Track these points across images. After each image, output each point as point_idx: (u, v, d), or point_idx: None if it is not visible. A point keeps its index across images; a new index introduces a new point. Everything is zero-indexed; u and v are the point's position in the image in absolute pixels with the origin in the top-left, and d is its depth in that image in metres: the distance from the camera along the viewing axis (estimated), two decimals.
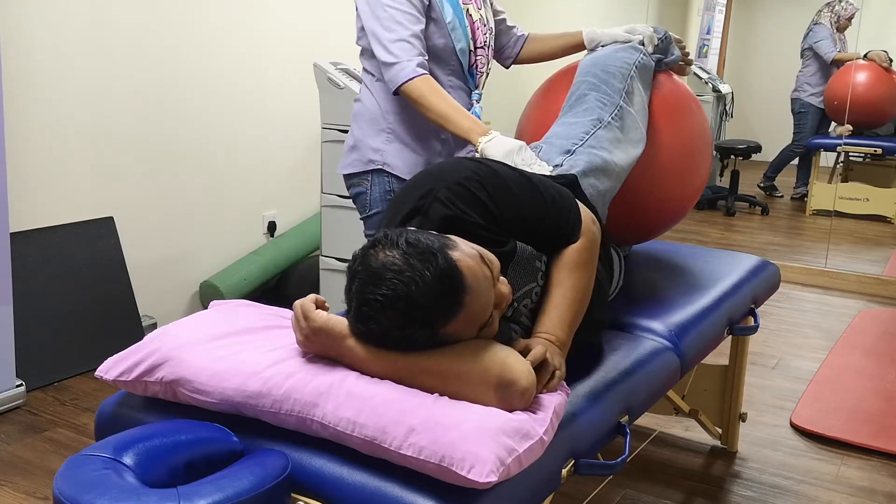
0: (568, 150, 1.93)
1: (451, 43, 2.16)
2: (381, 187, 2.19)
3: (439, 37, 2.14)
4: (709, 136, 2.28)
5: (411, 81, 2.03)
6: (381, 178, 2.19)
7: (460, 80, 2.22)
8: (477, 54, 2.23)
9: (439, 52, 2.15)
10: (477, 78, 2.26)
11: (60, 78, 3.03)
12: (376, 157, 2.18)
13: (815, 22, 5.82)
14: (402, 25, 2.06)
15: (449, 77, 2.20)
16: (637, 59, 2.10)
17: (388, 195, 2.19)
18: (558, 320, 1.52)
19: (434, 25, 2.14)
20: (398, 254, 1.28)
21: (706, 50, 6.64)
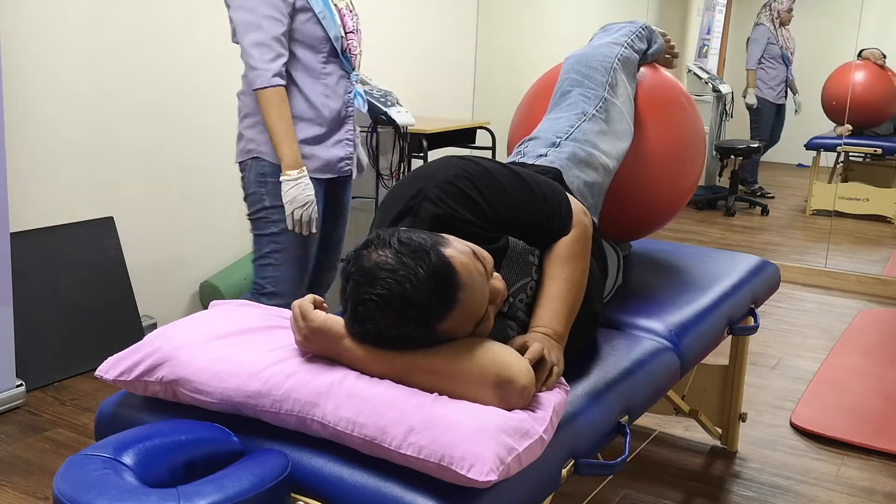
0: (553, 143, 1.95)
1: (324, 31, 2.36)
2: (256, 171, 2.41)
3: (312, 26, 2.34)
4: (701, 130, 2.28)
5: (264, 90, 2.29)
6: (257, 163, 2.40)
7: (336, 66, 2.44)
8: (348, 39, 2.44)
9: (313, 41, 2.36)
10: (352, 61, 2.49)
11: (60, 78, 3.03)
12: (252, 146, 2.41)
13: (757, 23, 5.92)
14: (262, 29, 2.27)
15: (324, 65, 2.40)
16: (619, 53, 2.11)
17: (260, 178, 2.40)
18: (554, 313, 1.52)
19: (305, 17, 2.33)
20: (391, 253, 1.28)
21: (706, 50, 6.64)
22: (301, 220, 2.38)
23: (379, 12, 4.49)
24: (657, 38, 2.27)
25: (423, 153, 3.80)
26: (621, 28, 2.23)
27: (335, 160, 2.48)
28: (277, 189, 2.37)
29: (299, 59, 2.37)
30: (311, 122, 2.41)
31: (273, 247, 2.43)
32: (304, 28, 2.34)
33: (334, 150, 2.47)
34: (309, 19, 2.34)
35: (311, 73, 2.39)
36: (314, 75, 2.39)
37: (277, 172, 2.37)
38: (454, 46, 5.16)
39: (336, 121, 2.47)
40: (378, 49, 4.52)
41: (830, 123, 5.79)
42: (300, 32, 2.34)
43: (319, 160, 2.44)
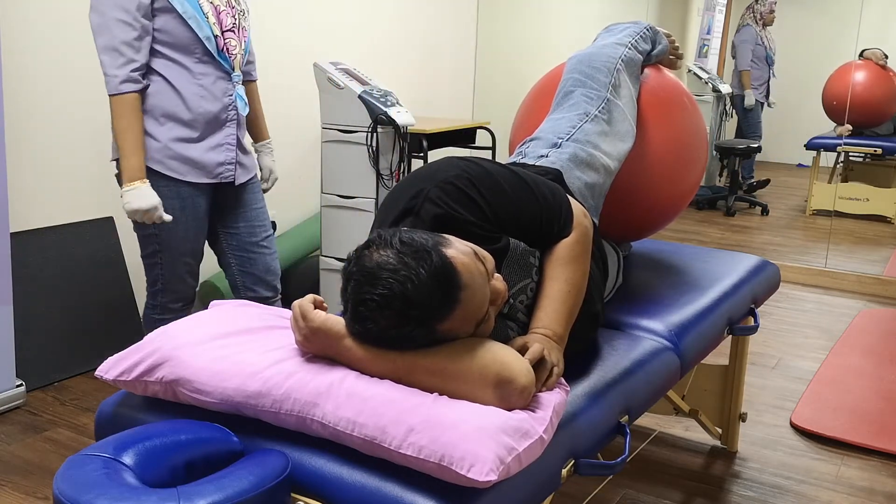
0: (554, 143, 1.94)
1: (192, 32, 2.28)
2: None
3: (178, 27, 2.27)
4: (703, 131, 2.28)
5: (114, 97, 2.22)
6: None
7: (213, 67, 2.35)
8: (225, 37, 2.35)
9: (183, 41, 2.28)
10: (231, 61, 2.38)
11: (60, 78, 3.03)
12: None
13: (743, 24, 5.95)
14: (111, 33, 2.20)
15: (198, 65, 2.32)
16: (622, 53, 2.11)
17: None
18: (554, 314, 1.52)
19: (169, 17, 2.26)
20: (392, 253, 1.28)
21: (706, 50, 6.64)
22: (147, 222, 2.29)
23: (379, 12, 4.49)
24: (661, 39, 2.27)
25: (423, 153, 3.80)
26: (625, 28, 2.23)
27: (212, 164, 2.38)
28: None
29: (171, 59, 2.29)
30: (184, 122, 2.33)
31: (155, 246, 2.38)
32: (169, 28, 2.25)
33: (211, 154, 2.38)
34: (173, 19, 2.25)
35: (185, 72, 2.30)
36: (189, 75, 2.31)
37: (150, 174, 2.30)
38: (454, 46, 5.16)
39: (213, 123, 2.37)
40: (378, 49, 4.52)
41: (830, 123, 5.79)
42: (166, 33, 2.26)
43: (193, 162, 2.35)
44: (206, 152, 2.38)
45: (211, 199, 2.47)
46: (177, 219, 2.37)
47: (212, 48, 2.31)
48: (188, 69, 2.31)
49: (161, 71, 2.29)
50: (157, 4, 2.23)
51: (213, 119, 2.38)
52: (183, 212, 2.38)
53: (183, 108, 2.32)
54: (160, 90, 2.30)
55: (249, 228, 2.55)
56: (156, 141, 2.31)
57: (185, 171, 2.35)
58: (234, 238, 2.53)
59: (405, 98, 4.77)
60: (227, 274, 2.59)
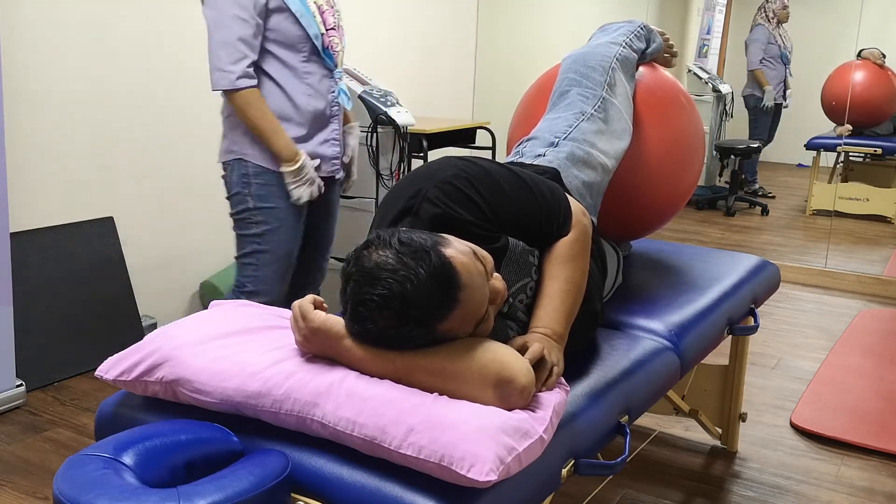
0: (551, 142, 1.95)
1: (303, 31, 2.33)
2: (239, 172, 2.39)
3: (289, 26, 2.31)
4: (700, 130, 2.28)
5: (238, 93, 2.27)
6: (240, 164, 2.38)
7: (317, 65, 2.40)
8: (329, 36, 2.40)
9: (292, 40, 2.33)
10: (335, 58, 2.44)
11: (60, 78, 3.03)
12: (235, 148, 2.39)
13: (755, 23, 5.91)
14: (228, 29, 2.24)
15: (304, 64, 2.37)
16: (617, 52, 2.11)
17: (243, 178, 2.38)
18: (554, 313, 1.52)
19: (281, 17, 2.30)
20: (391, 253, 1.28)
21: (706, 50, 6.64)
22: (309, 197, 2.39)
23: (379, 12, 4.49)
24: (656, 38, 2.27)
25: (423, 153, 3.80)
26: (620, 27, 2.23)
27: (320, 160, 2.47)
28: (261, 190, 2.38)
29: (279, 59, 2.34)
30: (294, 122, 2.39)
31: (255, 247, 2.42)
32: (281, 28, 2.31)
33: (320, 149, 2.46)
34: (285, 19, 2.31)
35: (292, 72, 2.36)
36: (296, 74, 2.37)
37: (261, 174, 2.37)
38: (454, 46, 5.16)
39: (320, 120, 2.45)
40: (378, 49, 4.52)
41: (830, 123, 5.79)
42: (277, 32, 2.31)
43: None
44: (316, 147, 2.45)
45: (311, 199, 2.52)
46: (282, 219, 2.41)
47: (319, 46, 2.36)
48: (294, 68, 2.36)
49: (269, 71, 2.34)
50: (271, 4, 2.28)
51: (320, 116, 2.44)
52: (288, 211, 2.42)
53: (291, 107, 2.37)
54: (268, 91, 2.35)
55: (328, 227, 2.64)
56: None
57: None
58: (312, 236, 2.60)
59: (405, 98, 4.77)
60: None
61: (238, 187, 2.40)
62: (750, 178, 6.30)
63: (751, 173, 6.30)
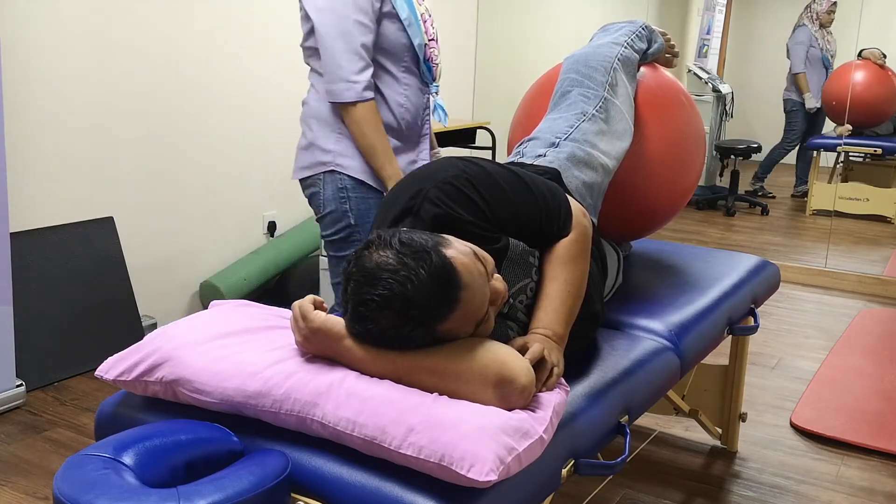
0: (552, 143, 1.95)
1: (408, 39, 2.17)
2: (334, 185, 2.19)
3: (397, 33, 2.16)
4: (701, 130, 2.28)
5: (356, 105, 2.10)
6: (334, 177, 2.19)
7: (414, 77, 2.24)
8: (430, 47, 2.25)
9: (396, 49, 2.17)
10: (434, 70, 2.29)
11: (60, 78, 3.03)
12: (328, 159, 2.19)
13: (799, 24, 5.84)
14: (352, 35, 2.08)
15: (404, 74, 2.21)
16: (619, 52, 2.11)
17: (340, 193, 2.19)
18: (554, 314, 1.52)
19: (390, 23, 2.15)
20: (392, 254, 1.28)
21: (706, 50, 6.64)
22: None
23: None
24: (657, 38, 2.27)
25: None
26: (621, 28, 2.23)
27: None
28: (361, 205, 2.19)
29: (382, 67, 2.18)
30: (390, 131, 2.23)
31: None
32: (388, 34, 2.15)
33: (409, 168, 2.29)
34: (394, 26, 2.15)
35: (392, 81, 2.20)
36: (396, 84, 2.21)
37: (358, 187, 2.18)
38: (454, 46, 5.16)
39: (411, 136, 2.29)
40: None
41: (830, 123, 5.79)
42: (385, 39, 2.15)
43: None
44: (406, 166, 2.28)
45: None
46: None
47: (421, 56, 2.21)
48: (395, 77, 2.20)
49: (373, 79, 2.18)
50: (384, 9, 2.13)
51: (411, 131, 2.28)
52: None
53: (391, 117, 2.22)
54: None
55: None
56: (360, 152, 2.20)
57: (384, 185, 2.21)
58: None
59: None
60: None
61: (335, 203, 2.19)
62: (761, 174, 6.27)
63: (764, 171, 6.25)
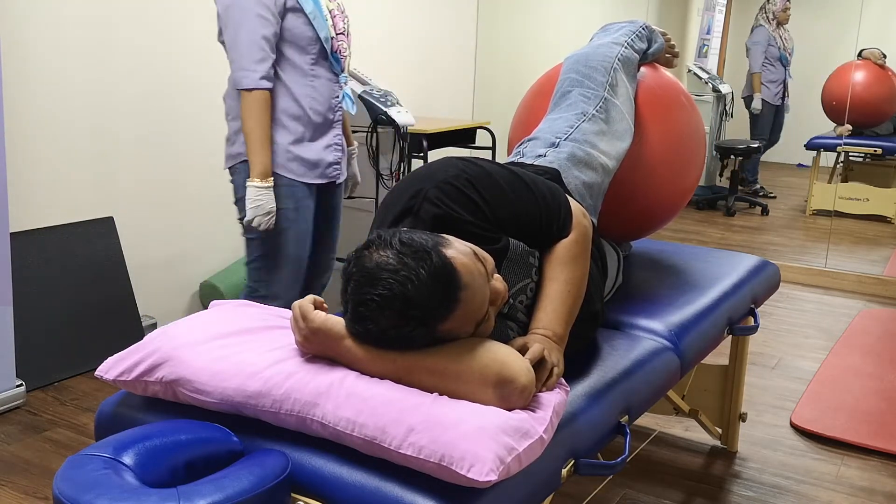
0: (552, 143, 1.95)
1: (314, 32, 2.33)
2: (244, 176, 2.37)
3: (303, 27, 2.31)
4: (701, 130, 2.28)
5: (250, 92, 2.26)
6: (246, 167, 2.36)
7: (323, 68, 2.41)
8: (338, 40, 2.41)
9: (303, 41, 2.33)
10: (342, 62, 2.46)
11: (60, 78, 3.03)
12: (241, 150, 2.38)
13: (756, 25, 5.90)
14: (251, 28, 2.24)
15: (312, 66, 2.37)
16: (619, 53, 2.11)
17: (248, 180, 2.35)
18: (554, 315, 1.52)
19: (295, 17, 2.30)
20: (392, 254, 1.28)
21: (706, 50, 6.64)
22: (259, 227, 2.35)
23: (379, 12, 4.49)
24: (657, 38, 2.27)
25: (423, 153, 3.80)
26: (621, 28, 2.23)
27: (323, 164, 2.46)
28: None
29: (289, 60, 2.35)
30: (298, 121, 2.39)
31: (264, 250, 2.42)
32: (294, 28, 2.31)
33: (323, 154, 2.46)
34: (300, 20, 2.31)
35: (299, 73, 2.36)
36: (303, 76, 2.37)
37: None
38: (454, 46, 5.16)
39: (323, 124, 2.45)
40: (378, 49, 4.52)
41: (830, 123, 5.79)
42: (290, 32, 2.32)
43: (306, 163, 2.42)
44: (321, 152, 2.44)
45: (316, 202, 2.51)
46: (290, 221, 2.41)
47: (328, 49, 2.37)
48: (302, 69, 2.36)
49: (279, 71, 2.34)
50: (289, 4, 2.28)
51: (323, 120, 2.44)
52: (296, 213, 2.42)
53: (297, 109, 2.38)
54: (277, 91, 2.35)
55: (329, 228, 2.63)
56: (275, 143, 2.36)
57: (303, 172, 2.41)
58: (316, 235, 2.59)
59: (405, 98, 4.77)
60: None
61: (244, 191, 2.38)
62: (750, 178, 6.30)
63: (751, 173, 6.30)
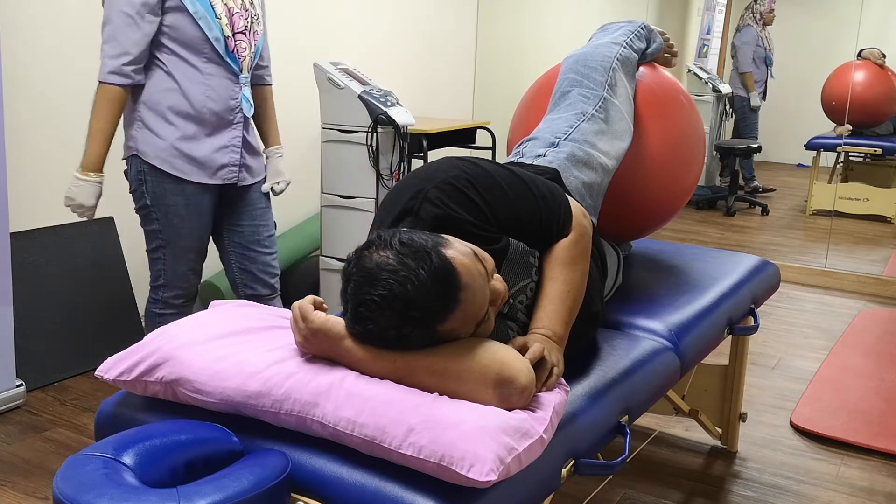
0: (552, 143, 1.95)
1: (202, 32, 2.31)
2: (135, 168, 2.39)
3: (188, 26, 2.29)
4: (700, 130, 2.28)
5: (101, 85, 2.28)
6: (136, 160, 2.38)
7: (219, 67, 2.37)
8: (236, 39, 2.37)
9: (192, 41, 2.31)
10: (240, 62, 2.41)
11: (61, 78, 3.03)
12: (131, 144, 2.39)
13: (744, 24, 5.93)
14: (114, 24, 2.25)
15: (206, 65, 2.35)
16: (618, 52, 2.11)
17: (138, 175, 2.39)
18: (554, 315, 1.52)
19: (181, 16, 2.28)
20: (392, 254, 1.28)
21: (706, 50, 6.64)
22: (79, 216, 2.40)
23: (379, 12, 4.49)
24: (656, 38, 2.27)
25: (423, 153, 3.80)
26: (620, 27, 2.23)
27: (216, 165, 2.41)
28: (156, 188, 2.37)
29: (179, 56, 2.32)
30: (189, 121, 2.35)
31: (159, 242, 2.42)
32: (178, 26, 2.28)
33: (216, 155, 2.40)
34: (183, 18, 2.28)
35: (193, 71, 2.33)
36: (197, 74, 2.34)
37: (155, 172, 2.35)
38: (454, 46, 5.16)
39: (218, 124, 2.40)
40: (378, 49, 4.52)
41: (830, 123, 5.79)
42: (175, 30, 2.28)
43: (198, 162, 2.38)
44: (212, 153, 2.40)
45: (216, 198, 2.49)
46: (181, 217, 2.40)
47: (220, 49, 2.34)
48: (196, 68, 2.34)
49: (168, 67, 2.32)
50: (167, 3, 2.26)
51: (219, 119, 2.40)
52: (187, 209, 2.40)
53: (188, 107, 2.34)
54: (166, 87, 2.33)
55: (253, 227, 2.57)
56: (161, 140, 2.34)
57: (190, 170, 2.38)
58: (237, 236, 2.56)
59: (405, 98, 4.77)
60: (227, 271, 2.61)
61: (136, 184, 2.39)
62: (747, 175, 6.31)
63: (748, 171, 6.31)
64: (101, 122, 2.30)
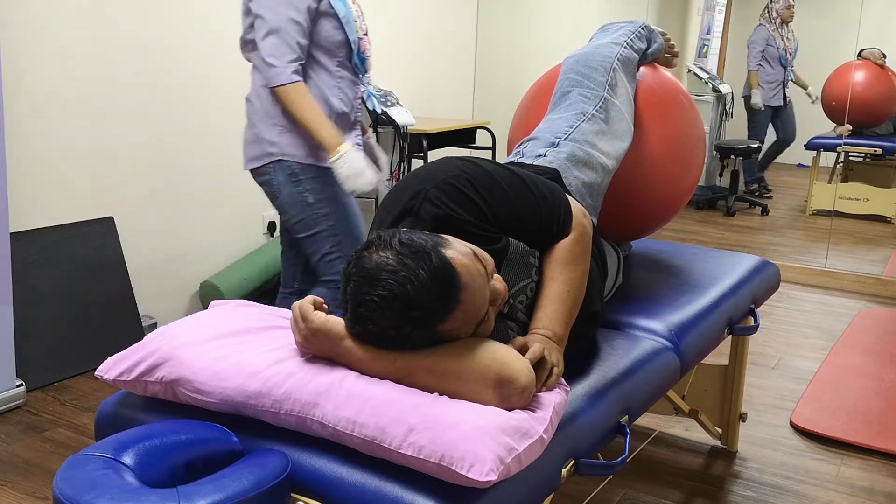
0: (552, 143, 1.95)
1: (344, 36, 2.40)
2: (284, 172, 2.42)
3: (334, 31, 2.38)
4: (701, 130, 2.28)
5: (285, 87, 2.32)
6: (283, 165, 2.42)
7: (348, 70, 2.47)
8: (363, 41, 2.47)
9: (332, 45, 2.40)
10: (367, 62, 2.53)
11: (61, 78, 3.03)
12: (274, 150, 2.42)
13: (759, 24, 5.92)
14: (284, 31, 2.30)
15: (338, 68, 2.43)
16: (618, 52, 2.11)
17: (291, 178, 2.42)
18: (554, 315, 1.52)
19: (327, 21, 2.36)
20: (392, 254, 1.28)
21: (706, 50, 6.64)
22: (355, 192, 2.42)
23: (379, 12, 4.49)
24: (657, 38, 2.27)
25: (423, 153, 3.81)
26: (621, 28, 2.23)
27: None
28: (314, 184, 2.42)
29: (317, 61, 2.40)
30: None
31: (333, 240, 2.46)
32: (325, 31, 2.37)
33: None
34: (331, 24, 2.38)
35: (326, 74, 2.42)
36: (329, 77, 2.42)
37: (306, 170, 2.41)
38: (454, 46, 5.16)
39: (346, 125, 2.50)
40: (378, 49, 4.52)
41: (830, 123, 5.79)
42: (319, 35, 2.37)
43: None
44: None
45: None
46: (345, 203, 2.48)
47: (354, 51, 2.43)
48: (328, 71, 2.42)
49: (309, 72, 2.40)
50: (321, 8, 2.34)
51: (345, 120, 2.50)
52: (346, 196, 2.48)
53: (326, 109, 2.43)
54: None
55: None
56: (305, 139, 2.40)
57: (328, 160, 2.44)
58: None
59: (405, 98, 4.77)
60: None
61: (288, 188, 2.42)
62: (749, 178, 6.31)
63: (748, 173, 6.31)
64: (311, 111, 2.34)
